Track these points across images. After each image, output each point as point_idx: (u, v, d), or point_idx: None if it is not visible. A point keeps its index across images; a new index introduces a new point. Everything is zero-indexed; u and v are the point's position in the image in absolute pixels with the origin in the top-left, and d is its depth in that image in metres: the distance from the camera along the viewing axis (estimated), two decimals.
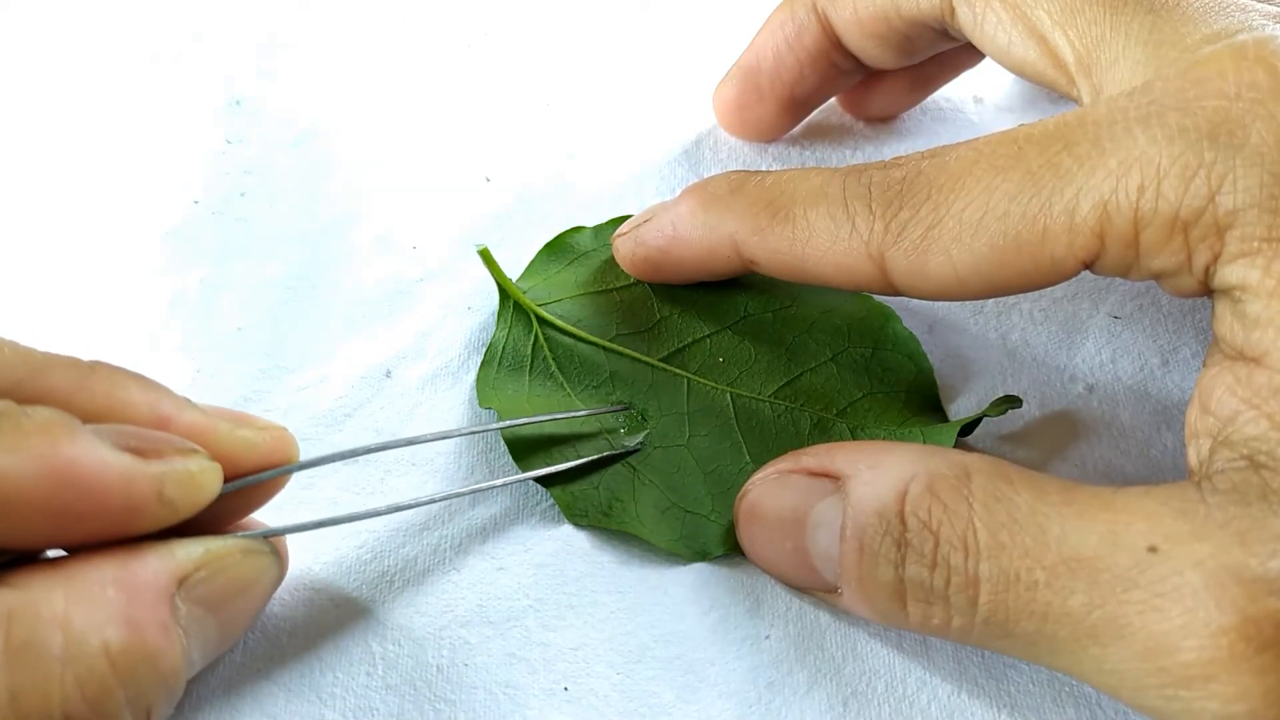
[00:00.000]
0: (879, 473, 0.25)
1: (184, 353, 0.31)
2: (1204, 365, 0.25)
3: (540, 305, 0.31)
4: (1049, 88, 0.29)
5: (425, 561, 0.28)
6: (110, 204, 0.34)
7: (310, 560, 0.27)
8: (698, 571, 0.28)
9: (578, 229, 0.33)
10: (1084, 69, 0.27)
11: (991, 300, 0.33)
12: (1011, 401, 0.29)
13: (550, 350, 0.31)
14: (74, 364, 0.23)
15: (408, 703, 0.25)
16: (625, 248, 0.31)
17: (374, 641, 0.26)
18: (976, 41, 0.30)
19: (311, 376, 0.31)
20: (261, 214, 0.35)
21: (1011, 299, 0.33)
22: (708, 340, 0.31)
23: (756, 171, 0.29)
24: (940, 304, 0.33)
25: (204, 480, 0.22)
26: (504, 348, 0.31)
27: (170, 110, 0.37)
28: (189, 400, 0.24)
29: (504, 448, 0.29)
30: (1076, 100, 0.28)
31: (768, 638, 0.27)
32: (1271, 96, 0.23)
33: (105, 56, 0.38)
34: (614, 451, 0.29)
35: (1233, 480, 0.22)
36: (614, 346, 0.31)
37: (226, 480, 0.23)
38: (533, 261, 0.33)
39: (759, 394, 0.30)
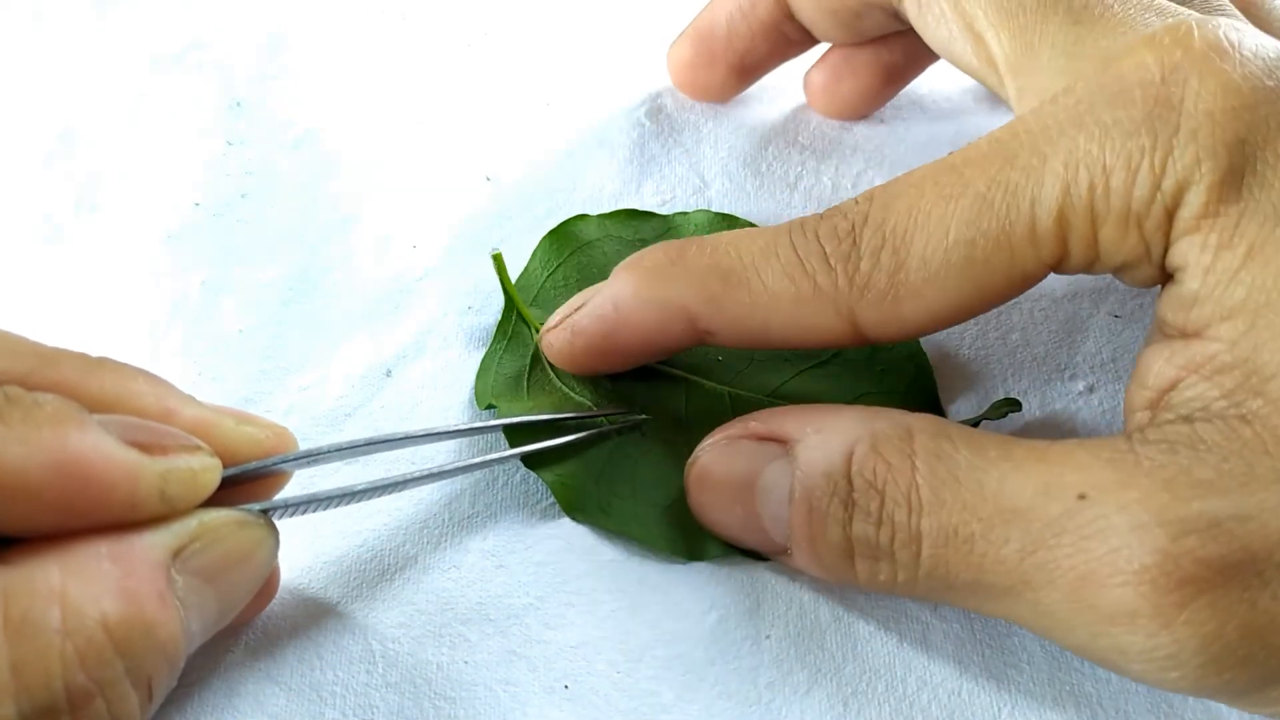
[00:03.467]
0: (826, 435, 0.25)
1: (185, 355, 0.31)
2: (1144, 345, 0.25)
3: (542, 322, 0.31)
4: (983, 84, 0.30)
5: (425, 559, 0.28)
6: (111, 207, 0.34)
7: (311, 559, 0.28)
8: (698, 571, 0.28)
9: (582, 216, 0.33)
10: (1012, 70, 0.28)
11: None
12: (1011, 404, 0.29)
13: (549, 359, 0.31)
14: (82, 357, 0.23)
15: (408, 700, 0.26)
16: (559, 341, 0.29)
17: (374, 640, 0.26)
18: (920, 31, 0.30)
19: (312, 377, 0.31)
20: (262, 215, 0.35)
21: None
22: None
23: (691, 239, 0.27)
24: None
25: (205, 479, 0.23)
26: (503, 354, 0.31)
27: (170, 113, 0.37)
28: (193, 397, 0.24)
29: (505, 445, 0.29)
30: (1006, 100, 0.28)
31: (768, 638, 0.27)
32: (1194, 73, 0.23)
33: (105, 58, 0.38)
34: (612, 420, 0.29)
35: (1164, 433, 0.23)
36: None
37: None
38: (536, 250, 0.33)
39: (758, 394, 0.30)
